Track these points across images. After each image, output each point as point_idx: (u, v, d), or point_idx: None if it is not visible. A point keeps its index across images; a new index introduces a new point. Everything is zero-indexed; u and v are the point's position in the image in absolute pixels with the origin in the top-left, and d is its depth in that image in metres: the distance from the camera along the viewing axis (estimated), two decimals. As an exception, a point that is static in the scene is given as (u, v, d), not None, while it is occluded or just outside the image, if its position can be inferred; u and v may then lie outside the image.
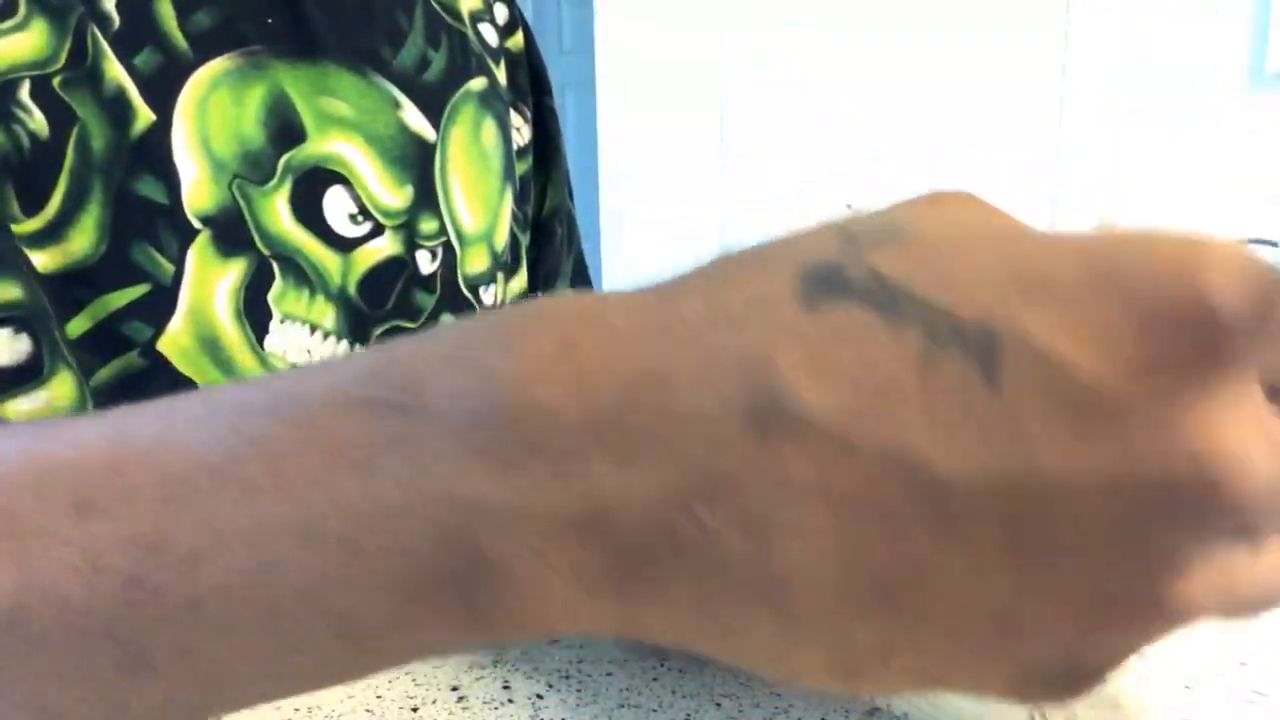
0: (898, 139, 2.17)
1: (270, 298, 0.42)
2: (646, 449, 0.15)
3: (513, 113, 0.57)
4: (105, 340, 0.39)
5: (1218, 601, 0.16)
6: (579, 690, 0.33)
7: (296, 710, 0.31)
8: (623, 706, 0.32)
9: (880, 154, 2.19)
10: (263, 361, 0.42)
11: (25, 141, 0.35)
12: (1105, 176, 1.99)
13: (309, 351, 0.44)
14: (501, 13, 0.57)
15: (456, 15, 0.52)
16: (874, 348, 0.14)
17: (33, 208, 0.37)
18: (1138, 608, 0.15)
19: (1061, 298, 0.14)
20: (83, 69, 0.37)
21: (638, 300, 0.16)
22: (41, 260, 0.37)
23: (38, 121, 0.36)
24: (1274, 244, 0.86)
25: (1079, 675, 0.16)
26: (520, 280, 0.58)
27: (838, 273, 0.15)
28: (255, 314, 0.41)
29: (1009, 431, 0.14)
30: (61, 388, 0.37)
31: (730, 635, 0.16)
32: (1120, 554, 0.14)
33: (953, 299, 0.14)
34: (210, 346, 0.40)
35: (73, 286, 0.38)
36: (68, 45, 0.36)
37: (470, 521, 0.16)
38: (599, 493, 0.15)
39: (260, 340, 0.42)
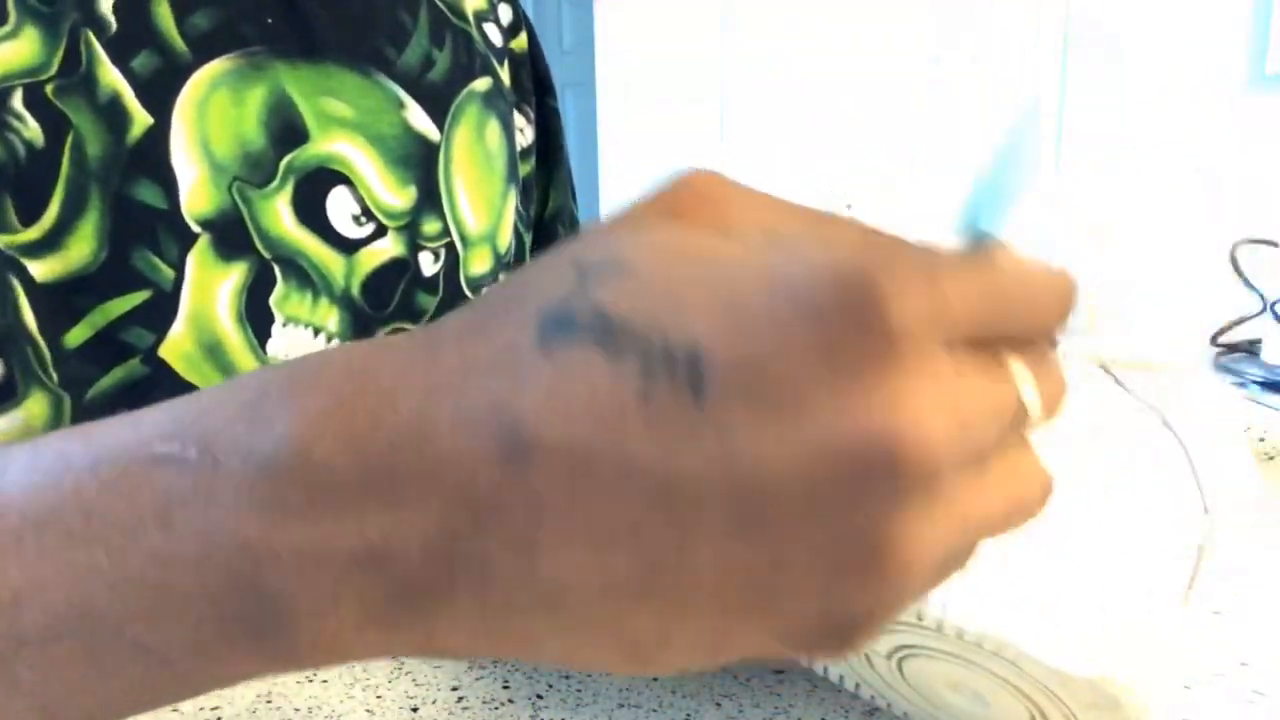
0: (897, 139, 2.17)
1: (272, 301, 0.42)
2: (414, 491, 0.17)
3: (516, 114, 0.57)
4: (106, 348, 0.38)
5: (953, 540, 0.18)
6: (579, 690, 0.33)
7: (297, 710, 0.31)
8: (623, 706, 0.32)
9: (880, 153, 2.19)
10: (265, 365, 0.41)
11: (20, 150, 0.35)
12: (1105, 176, 1.99)
13: None
14: (506, 13, 0.57)
15: (461, 15, 0.52)
16: (600, 380, 0.16)
17: (30, 217, 0.36)
18: (866, 566, 0.17)
19: (753, 314, 0.16)
20: (76, 75, 0.37)
21: (403, 356, 0.18)
22: (40, 270, 0.37)
23: (32, 130, 0.35)
24: (1274, 244, 0.86)
25: (845, 629, 0.18)
26: None
27: (569, 315, 0.17)
28: (257, 317, 0.41)
29: (720, 436, 0.16)
30: (36, 407, 0.37)
31: (523, 642, 0.18)
32: (833, 524, 0.16)
33: (663, 329, 0.16)
34: (212, 351, 0.40)
35: (72, 295, 0.37)
36: (60, 52, 0.36)
37: (260, 567, 0.18)
38: (375, 533, 0.17)
39: (263, 344, 0.41)
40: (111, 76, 0.37)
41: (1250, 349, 0.90)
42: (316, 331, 0.44)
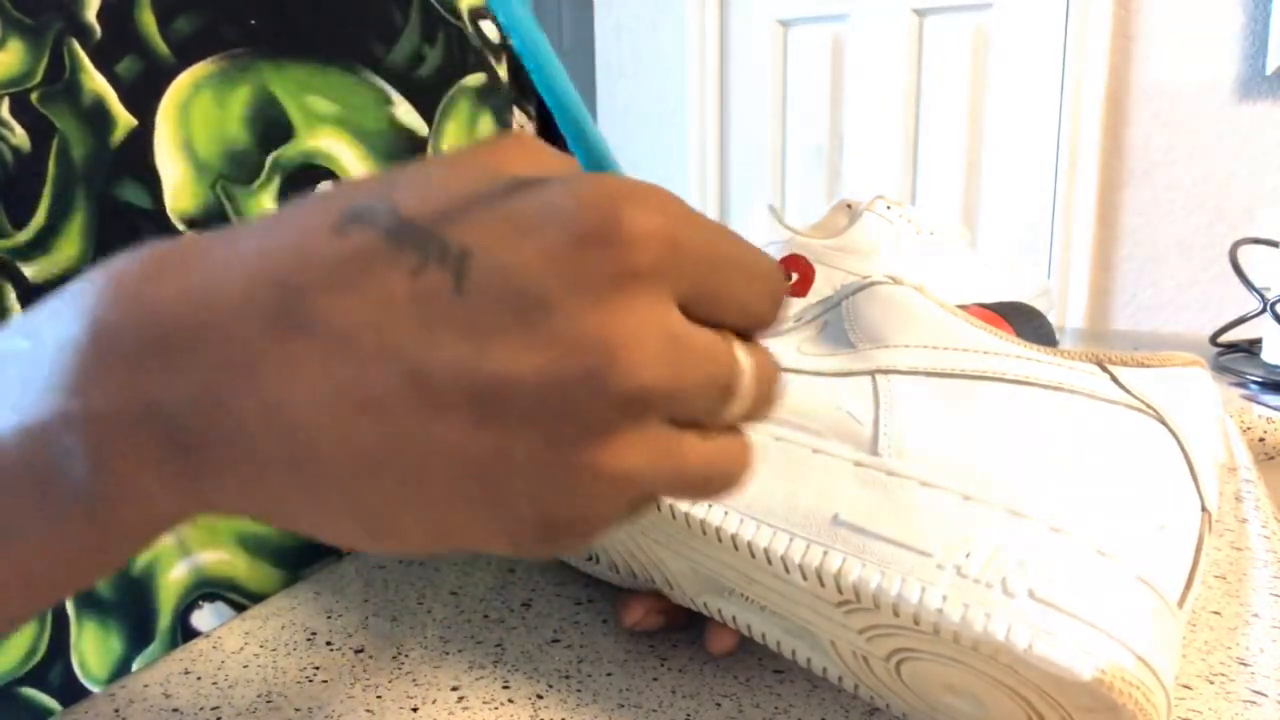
0: (897, 139, 2.17)
1: None
2: (187, 352, 0.19)
3: (516, 110, 0.57)
4: None
5: (660, 474, 0.20)
6: (579, 690, 0.33)
7: (297, 710, 0.31)
8: (623, 706, 0.32)
9: (880, 154, 2.19)
10: None
11: (9, 157, 0.36)
12: (1105, 176, 1.99)
13: None
14: None
15: (455, 11, 0.52)
16: (379, 262, 0.18)
17: (20, 220, 0.37)
18: (577, 471, 0.19)
19: (520, 228, 0.19)
20: (60, 82, 0.37)
21: (211, 237, 0.21)
22: (31, 271, 0.37)
23: (19, 136, 0.36)
24: (1275, 244, 0.86)
25: (559, 529, 0.20)
26: None
27: (367, 209, 0.19)
28: None
29: (473, 328, 0.18)
30: None
31: (279, 504, 0.20)
32: (554, 423, 0.18)
33: (445, 227, 0.19)
34: None
35: None
36: (44, 61, 0.37)
37: (54, 431, 0.19)
38: (151, 391, 0.19)
39: None
40: (95, 82, 0.38)
41: (1250, 349, 0.91)
42: None
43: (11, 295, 0.37)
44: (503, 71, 0.55)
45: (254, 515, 0.21)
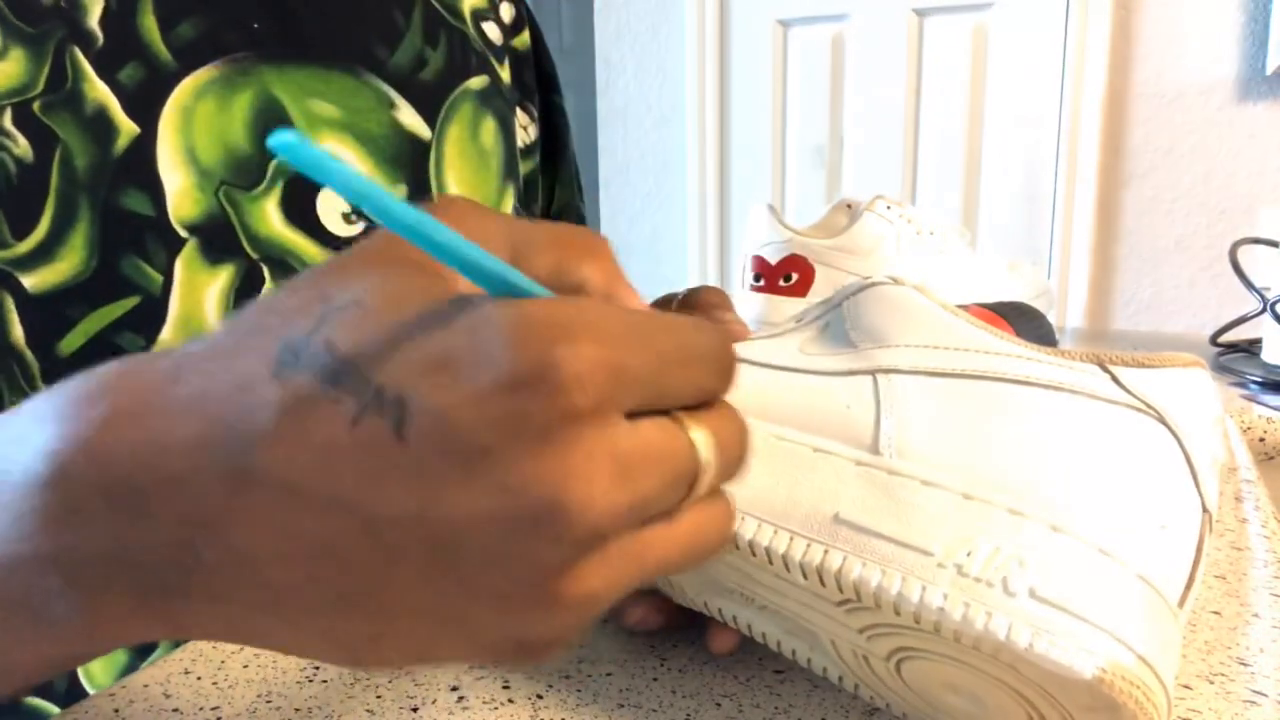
0: (897, 139, 2.17)
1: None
2: (151, 505, 0.19)
3: (519, 111, 0.57)
4: (100, 354, 0.38)
5: (630, 576, 0.20)
6: (579, 690, 0.33)
7: (297, 710, 0.31)
8: (623, 706, 0.32)
9: (880, 154, 2.19)
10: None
11: (12, 167, 0.36)
12: (1105, 176, 1.99)
13: None
14: (508, 11, 0.57)
15: (457, 14, 0.52)
16: (318, 411, 0.18)
17: (23, 230, 0.37)
18: (541, 604, 0.19)
19: (452, 371, 0.18)
20: (63, 91, 0.37)
21: (152, 380, 0.21)
22: (33, 281, 0.37)
23: (22, 147, 0.36)
24: (1275, 244, 0.86)
25: (534, 649, 0.20)
26: None
27: (303, 349, 0.19)
28: None
29: (419, 475, 0.18)
30: None
31: (257, 637, 0.21)
32: (511, 570, 0.18)
33: (380, 374, 0.18)
34: None
35: (65, 304, 0.38)
36: (46, 70, 0.37)
37: (35, 569, 0.20)
38: (122, 538, 0.20)
39: None
40: (98, 90, 0.38)
41: (1250, 349, 0.91)
42: None
43: (10, 306, 0.37)
44: (505, 74, 0.55)
45: (231, 641, 0.21)
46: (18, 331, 0.37)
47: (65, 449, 0.20)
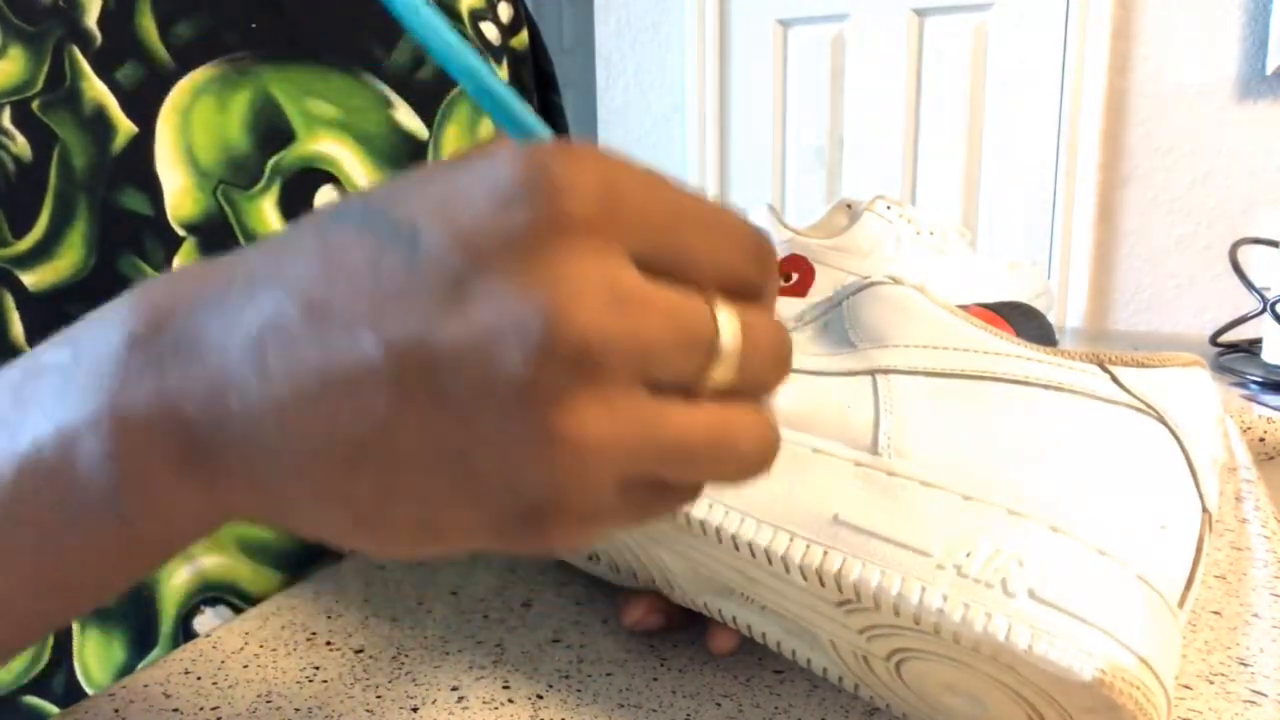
0: (897, 139, 2.17)
1: None
2: (194, 364, 0.20)
3: None
4: None
5: (638, 445, 0.19)
6: (579, 690, 0.33)
7: (297, 710, 0.31)
8: (623, 706, 0.32)
9: (880, 154, 2.19)
10: None
11: (10, 165, 0.36)
12: (1105, 176, 1.99)
13: None
14: (506, 11, 0.57)
15: (455, 14, 0.52)
16: (348, 251, 0.20)
17: (22, 229, 0.37)
18: (539, 442, 0.18)
19: (459, 197, 0.19)
20: (61, 90, 0.37)
21: (224, 261, 0.22)
22: (32, 279, 0.37)
23: (20, 145, 0.36)
24: (1275, 244, 0.86)
25: (542, 516, 0.19)
26: None
27: (345, 209, 0.21)
28: None
29: (422, 297, 0.18)
30: None
31: (284, 504, 0.21)
32: (507, 397, 0.18)
33: (400, 208, 0.19)
34: None
35: (64, 303, 0.38)
36: (45, 69, 0.37)
37: (83, 437, 0.21)
38: (170, 393, 0.21)
39: None
40: (96, 89, 0.38)
41: (1250, 349, 0.91)
42: None
43: (10, 304, 0.37)
44: (503, 74, 0.55)
45: (263, 514, 0.22)
46: (18, 329, 0.37)
47: (136, 315, 0.22)
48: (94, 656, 0.38)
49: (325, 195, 0.44)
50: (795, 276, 0.85)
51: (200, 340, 0.20)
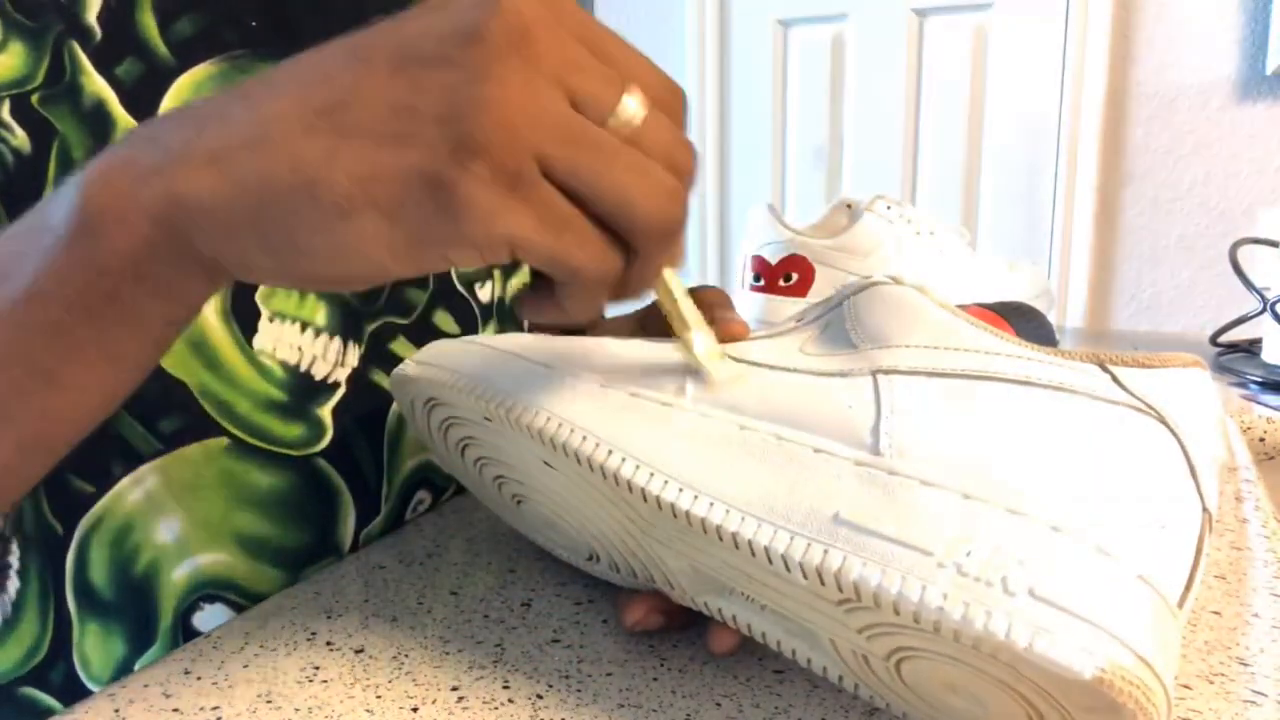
0: (897, 139, 2.17)
1: (259, 296, 0.42)
2: (172, 122, 0.26)
3: None
4: None
5: (553, 119, 0.24)
6: (579, 690, 0.33)
7: (297, 710, 0.31)
8: (623, 706, 0.32)
9: (880, 154, 2.19)
10: (250, 360, 0.42)
11: (9, 159, 0.36)
12: (1105, 175, 1.99)
13: (299, 349, 0.44)
14: None
15: None
16: (319, 55, 0.26)
17: None
18: (478, 101, 0.23)
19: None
20: (61, 84, 0.37)
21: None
22: None
23: (19, 138, 0.36)
24: (1275, 244, 0.86)
25: (464, 160, 0.23)
26: (523, 276, 0.58)
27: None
28: (243, 313, 0.42)
29: (397, 21, 0.25)
30: None
31: (236, 168, 0.25)
32: (453, 54, 0.23)
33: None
34: (198, 348, 0.40)
35: None
36: (45, 63, 0.37)
37: (62, 197, 0.26)
38: (136, 152, 0.26)
39: (249, 339, 0.42)
40: (96, 84, 0.38)
41: (1250, 349, 0.91)
42: (305, 326, 0.44)
43: None
44: None
45: (213, 222, 0.25)
46: None
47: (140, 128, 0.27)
48: (93, 650, 0.38)
49: None
50: (795, 276, 0.85)
51: (164, 129, 0.26)
